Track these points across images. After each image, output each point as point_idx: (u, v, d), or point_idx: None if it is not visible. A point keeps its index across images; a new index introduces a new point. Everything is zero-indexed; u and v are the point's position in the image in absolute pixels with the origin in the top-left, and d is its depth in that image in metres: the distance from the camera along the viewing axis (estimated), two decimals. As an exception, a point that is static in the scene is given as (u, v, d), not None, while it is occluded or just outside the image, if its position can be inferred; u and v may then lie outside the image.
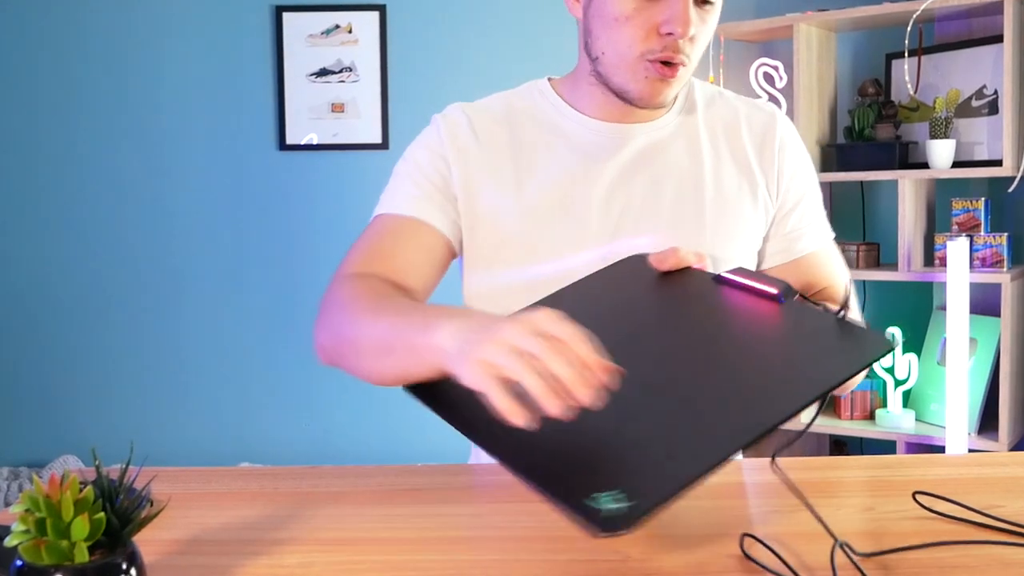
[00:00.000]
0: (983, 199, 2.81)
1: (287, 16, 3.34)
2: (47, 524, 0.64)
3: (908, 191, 2.79)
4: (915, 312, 3.01)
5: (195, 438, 3.47)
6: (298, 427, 3.46)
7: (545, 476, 0.74)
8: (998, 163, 2.70)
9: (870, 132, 2.91)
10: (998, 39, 2.69)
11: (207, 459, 3.40)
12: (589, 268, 1.15)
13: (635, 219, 1.23)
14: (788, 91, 3.01)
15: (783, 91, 3.03)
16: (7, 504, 3.01)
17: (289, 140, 3.38)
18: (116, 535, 0.67)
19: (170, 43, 3.37)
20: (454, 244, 1.26)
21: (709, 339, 0.93)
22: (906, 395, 2.87)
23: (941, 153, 2.76)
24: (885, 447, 2.87)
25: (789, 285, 0.95)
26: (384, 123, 3.36)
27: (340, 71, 3.35)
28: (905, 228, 2.80)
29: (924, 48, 2.89)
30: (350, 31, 3.34)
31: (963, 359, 2.62)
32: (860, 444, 3.12)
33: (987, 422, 2.75)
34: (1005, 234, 2.73)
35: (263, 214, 3.43)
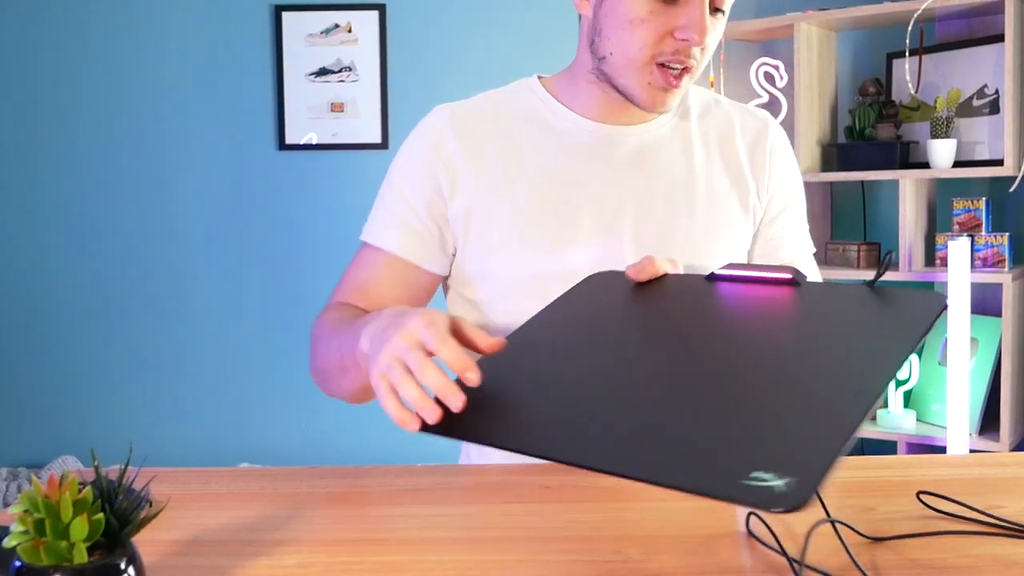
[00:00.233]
0: (984, 199, 2.81)
1: (286, 16, 3.33)
2: (46, 525, 0.64)
3: (909, 191, 2.79)
4: (916, 312, 3.00)
5: (194, 438, 3.46)
6: (298, 427, 3.46)
7: (674, 469, 0.69)
8: (999, 163, 2.70)
9: (871, 132, 2.91)
10: (999, 38, 2.69)
11: (206, 459, 3.40)
12: (581, 267, 1.17)
13: (626, 220, 1.23)
14: (789, 90, 3.00)
15: (784, 91, 3.03)
16: (6, 505, 3.00)
17: (288, 140, 3.37)
18: (115, 536, 0.67)
19: (169, 43, 3.37)
20: (438, 271, 1.28)
21: (756, 330, 0.87)
22: (907, 395, 2.87)
23: (942, 153, 2.76)
24: (886, 447, 2.87)
25: (794, 268, 0.93)
26: (384, 123, 3.35)
27: (340, 71, 3.35)
28: (906, 228, 2.79)
29: (925, 47, 2.88)
30: (350, 31, 3.34)
31: (964, 359, 2.62)
32: (861, 444, 3.11)
33: (988, 422, 2.74)
34: (1006, 234, 2.72)
35: (262, 214, 3.42)
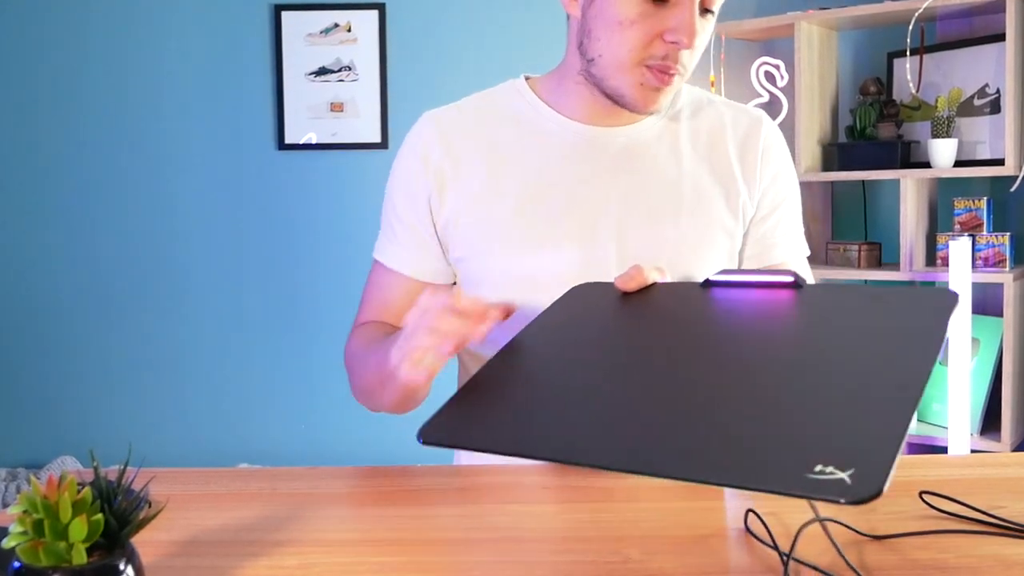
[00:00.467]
0: (985, 198, 2.80)
1: (286, 15, 3.33)
2: (45, 525, 0.64)
3: (910, 190, 2.79)
4: (917, 312, 3.00)
5: (193, 439, 3.46)
6: (297, 428, 3.45)
7: (735, 469, 0.67)
8: (1000, 162, 2.69)
9: (872, 131, 2.90)
10: (1000, 38, 2.69)
11: (206, 460, 3.39)
12: (564, 270, 1.18)
13: (609, 222, 1.22)
14: (789, 90, 3.00)
15: (784, 90, 3.02)
16: (5, 505, 3.00)
17: (288, 139, 3.37)
18: (114, 536, 0.67)
19: (169, 42, 3.37)
20: (449, 281, 1.31)
21: (774, 332, 0.85)
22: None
23: (943, 152, 2.75)
24: (887, 447, 2.86)
25: (792, 271, 0.91)
26: (383, 122, 3.35)
27: (339, 70, 3.34)
28: (907, 228, 2.79)
29: (926, 47, 2.88)
30: (349, 30, 3.33)
31: (965, 359, 2.61)
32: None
33: (989, 423, 2.74)
34: (1007, 234, 2.72)
35: (262, 214, 3.42)
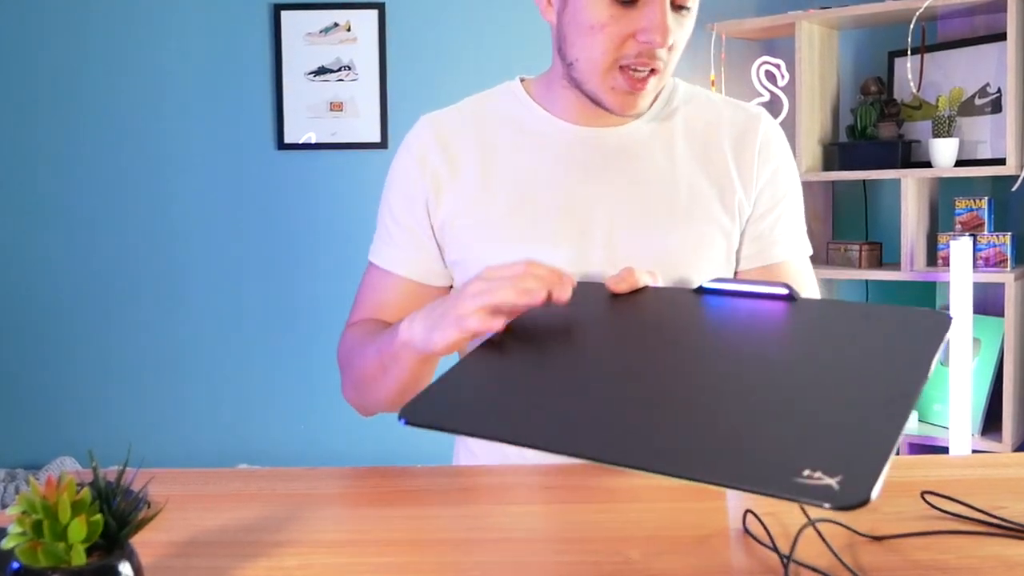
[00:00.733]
0: (986, 198, 2.80)
1: (285, 14, 3.32)
2: (44, 526, 0.64)
3: (911, 190, 2.78)
4: (918, 312, 2.99)
5: (192, 439, 3.45)
6: (296, 428, 3.45)
7: (723, 468, 0.67)
8: (1001, 162, 2.69)
9: (872, 131, 2.90)
10: (1001, 37, 2.68)
11: (205, 460, 3.39)
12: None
13: (600, 223, 1.22)
14: (790, 89, 3.00)
15: (785, 89, 3.02)
16: (3, 506, 2.99)
17: (287, 139, 3.36)
18: (113, 537, 0.66)
19: (168, 42, 3.36)
20: (444, 283, 1.31)
21: (766, 341, 0.85)
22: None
23: (944, 152, 2.75)
24: (888, 448, 2.86)
25: (786, 284, 0.91)
26: (383, 122, 3.34)
27: (339, 69, 3.34)
28: (908, 227, 2.79)
29: (927, 46, 2.88)
30: (349, 29, 3.33)
31: (966, 360, 2.61)
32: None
33: (991, 423, 2.74)
34: (1009, 233, 2.72)
35: (261, 213, 3.41)
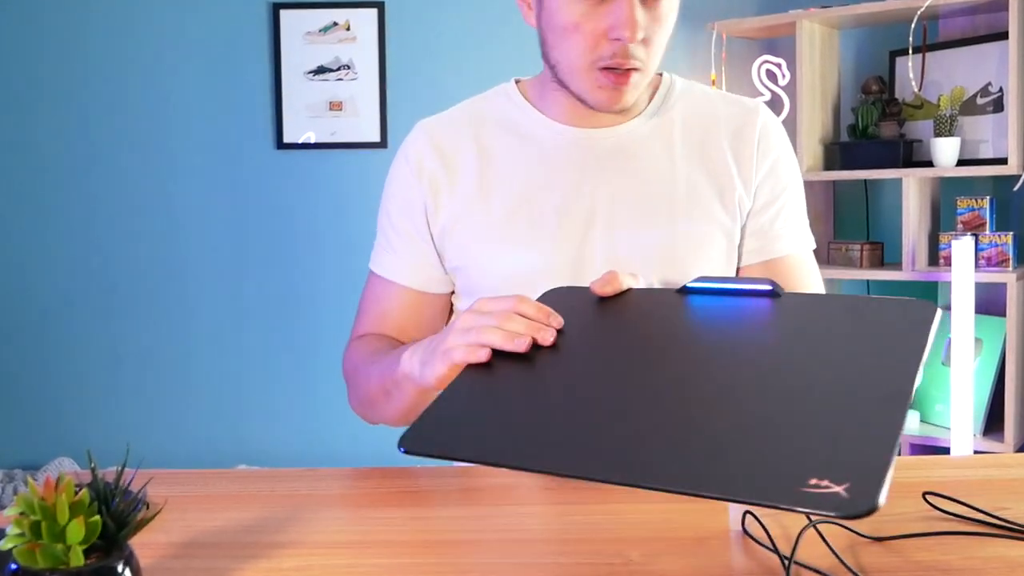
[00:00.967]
0: (988, 198, 2.80)
1: (284, 13, 3.32)
2: (42, 527, 0.64)
3: (912, 190, 2.78)
4: (919, 312, 2.99)
5: (192, 440, 3.45)
6: (296, 429, 3.44)
7: (726, 481, 0.67)
8: (1003, 161, 2.68)
9: (874, 130, 2.90)
10: (1003, 36, 2.68)
11: (204, 461, 3.38)
12: (554, 273, 1.19)
13: (597, 224, 1.22)
14: (791, 89, 2.99)
15: (786, 89, 3.02)
16: (1, 507, 2.98)
17: (287, 139, 3.36)
18: (112, 538, 0.66)
19: (167, 40, 3.36)
20: (445, 291, 1.32)
21: (754, 342, 0.85)
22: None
23: (945, 151, 2.74)
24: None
25: (770, 280, 0.91)
26: (383, 121, 3.34)
27: (338, 69, 3.33)
28: (909, 227, 2.78)
29: (928, 45, 2.87)
30: (348, 28, 3.32)
31: (968, 360, 2.60)
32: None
33: (992, 423, 2.73)
34: (1010, 233, 2.71)
35: (261, 213, 3.40)
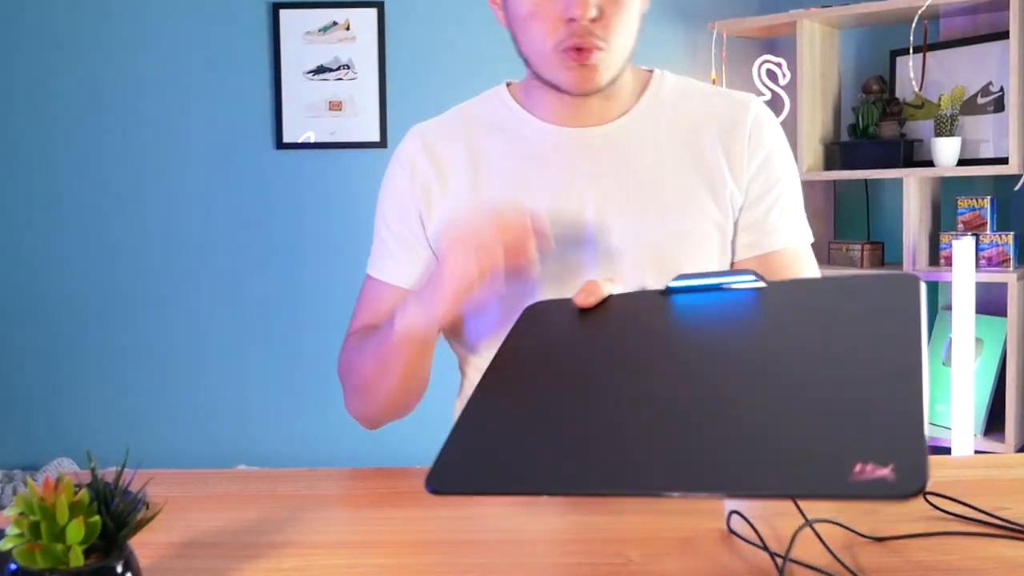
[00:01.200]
0: (989, 197, 2.79)
1: (284, 13, 3.31)
2: (41, 527, 0.64)
3: (913, 189, 2.77)
4: (920, 312, 2.99)
5: (191, 440, 3.44)
6: (295, 429, 3.44)
7: (772, 479, 0.66)
8: (1004, 161, 2.68)
9: (874, 130, 2.89)
10: (1004, 35, 2.67)
11: (203, 461, 3.38)
12: (550, 272, 1.17)
13: (594, 222, 1.22)
14: (791, 88, 2.99)
15: (786, 88, 3.01)
16: (1, 507, 2.98)
17: (286, 138, 3.35)
18: (112, 538, 0.66)
19: (166, 40, 3.35)
20: None
21: (753, 335, 0.84)
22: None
23: (946, 151, 2.74)
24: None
25: (752, 270, 0.90)
26: (382, 121, 3.33)
27: (338, 68, 3.33)
28: (910, 227, 2.78)
29: (929, 45, 2.87)
30: (348, 28, 3.32)
31: (969, 360, 2.60)
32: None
33: (993, 423, 2.73)
34: (1011, 233, 2.71)
35: (260, 213, 3.40)
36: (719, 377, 0.78)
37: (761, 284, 0.88)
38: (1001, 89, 2.75)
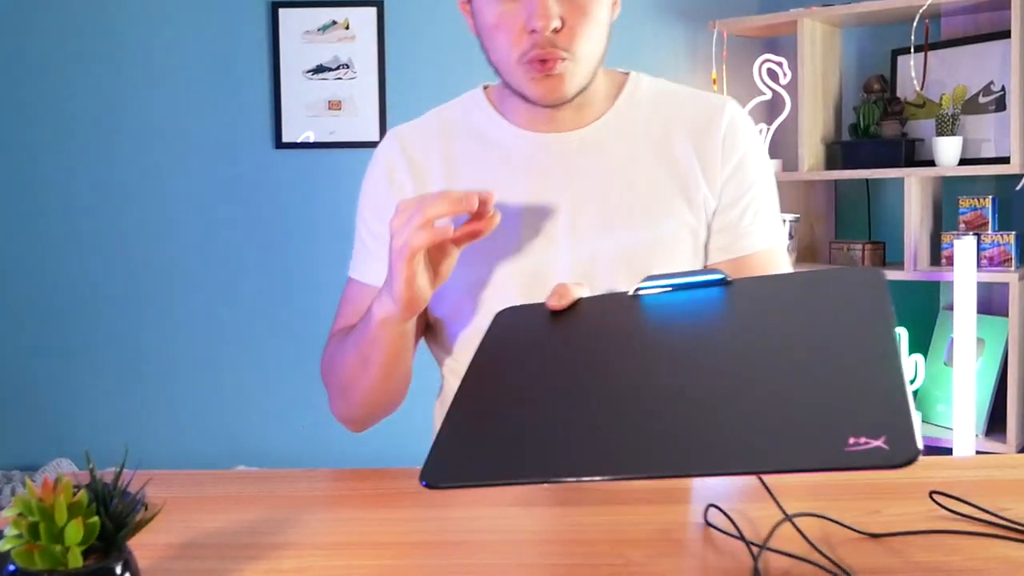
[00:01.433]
0: (990, 197, 2.79)
1: (283, 12, 3.31)
2: (40, 528, 0.64)
3: (914, 189, 2.77)
4: (921, 312, 2.99)
5: (190, 441, 3.44)
6: (294, 430, 3.44)
7: (772, 455, 0.68)
8: (1006, 160, 2.68)
9: (875, 129, 2.89)
10: (1005, 34, 2.67)
11: (202, 462, 3.38)
12: (519, 277, 1.20)
13: (560, 228, 1.22)
14: (792, 88, 2.99)
15: (787, 88, 3.01)
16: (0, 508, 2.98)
17: (285, 138, 3.35)
18: (110, 539, 0.66)
19: (165, 40, 3.35)
20: None
21: (726, 329, 0.86)
22: (912, 396, 2.85)
23: (948, 150, 2.74)
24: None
25: (716, 269, 0.92)
26: (382, 121, 3.33)
27: (337, 68, 3.32)
28: (911, 227, 2.77)
29: (930, 44, 2.87)
30: (347, 27, 3.31)
31: (970, 360, 2.60)
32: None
33: (995, 424, 2.72)
34: (1013, 233, 2.71)
35: (259, 213, 3.40)
36: (702, 365, 0.80)
37: (727, 281, 0.91)
38: (1003, 88, 2.75)
